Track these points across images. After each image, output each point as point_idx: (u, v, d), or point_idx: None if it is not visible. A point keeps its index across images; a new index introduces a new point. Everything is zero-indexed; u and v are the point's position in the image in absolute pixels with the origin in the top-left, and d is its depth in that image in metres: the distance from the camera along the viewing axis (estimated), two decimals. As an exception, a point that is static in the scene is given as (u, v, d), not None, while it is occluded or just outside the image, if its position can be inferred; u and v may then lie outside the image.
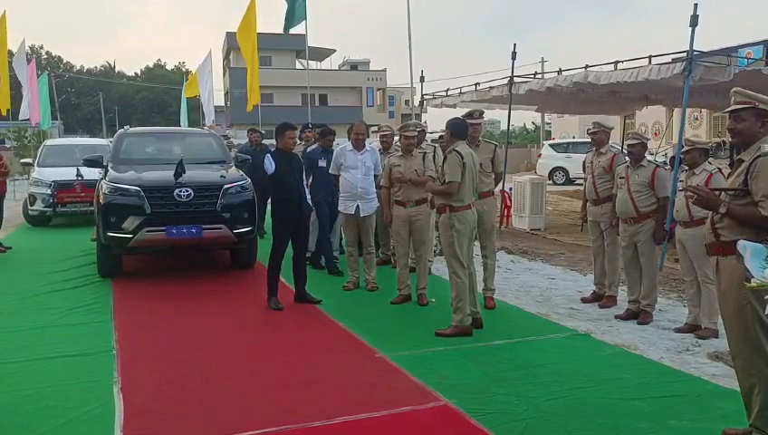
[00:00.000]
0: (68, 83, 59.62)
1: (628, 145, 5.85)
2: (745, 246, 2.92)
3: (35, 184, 11.92)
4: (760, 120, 3.20)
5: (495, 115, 16.84)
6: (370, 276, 6.93)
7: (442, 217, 5.45)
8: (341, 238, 8.82)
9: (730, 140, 3.50)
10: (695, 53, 7.43)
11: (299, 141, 8.07)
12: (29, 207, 12.08)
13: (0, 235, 9.91)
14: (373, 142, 8.91)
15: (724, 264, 3.25)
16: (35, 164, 13.15)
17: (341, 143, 7.63)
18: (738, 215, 3.12)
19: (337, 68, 54.39)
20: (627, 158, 6.01)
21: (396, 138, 7.74)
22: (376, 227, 7.24)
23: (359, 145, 6.96)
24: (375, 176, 7.04)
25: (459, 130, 5.53)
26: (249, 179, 8.00)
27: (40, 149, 14.69)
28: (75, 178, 11.69)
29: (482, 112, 6.46)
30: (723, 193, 3.28)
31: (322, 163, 7.55)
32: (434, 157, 6.49)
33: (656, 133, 24.08)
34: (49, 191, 11.84)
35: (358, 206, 6.83)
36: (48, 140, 16.86)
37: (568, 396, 4.03)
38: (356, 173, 6.87)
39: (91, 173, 11.45)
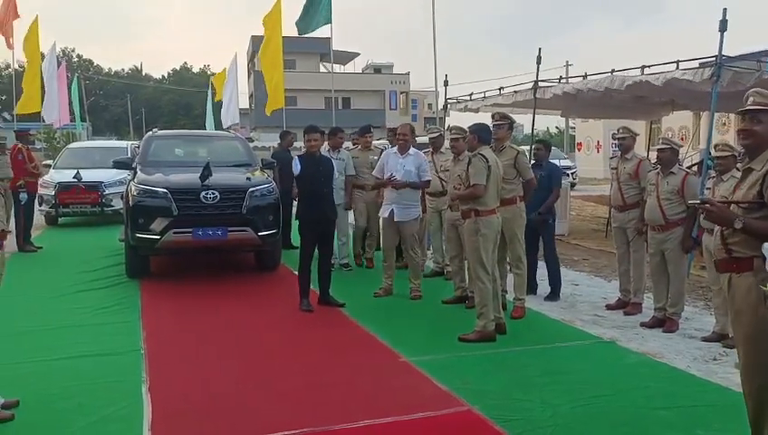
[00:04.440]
0: (97, 86, 60.59)
1: (658, 150, 5.79)
2: None
3: (43, 186, 12.17)
4: None
5: (518, 120, 16.72)
6: (415, 284, 6.83)
7: (467, 222, 5.45)
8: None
9: (741, 142, 3.21)
10: (723, 57, 7.33)
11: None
12: (38, 208, 12.25)
13: (31, 234, 10.09)
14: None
15: (738, 281, 3.01)
16: (52, 166, 13.68)
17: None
18: (756, 229, 2.89)
19: (360, 71, 54.55)
20: (654, 164, 5.96)
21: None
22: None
23: (402, 148, 6.84)
24: (428, 181, 6.93)
25: (485, 134, 5.55)
26: (274, 183, 8.10)
27: (61, 152, 15.46)
28: (73, 180, 12.31)
29: (503, 115, 6.38)
30: (734, 206, 3.02)
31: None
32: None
33: (682, 138, 23.75)
34: (53, 193, 12.34)
35: (392, 210, 6.76)
36: (71, 144, 17.41)
37: (593, 404, 4.01)
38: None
39: (91, 175, 12.48)
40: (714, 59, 7.43)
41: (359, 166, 8.19)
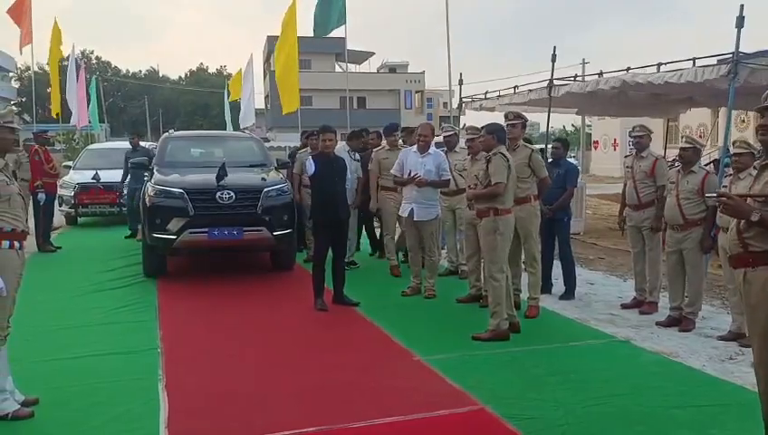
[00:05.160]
0: (115, 87, 61.13)
1: (680, 149, 5.75)
2: None
3: (63, 186, 12.48)
4: None
5: (535, 118, 16.71)
6: (429, 283, 6.86)
7: (485, 220, 5.43)
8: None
9: (760, 138, 3.24)
10: (740, 54, 7.25)
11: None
12: (58, 209, 12.50)
13: (50, 235, 10.23)
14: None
15: (753, 276, 3.00)
16: (72, 167, 14.00)
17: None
18: None
19: (375, 71, 54.56)
20: (674, 162, 5.91)
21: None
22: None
23: (422, 147, 6.81)
24: (448, 180, 6.89)
25: (502, 134, 5.56)
26: (289, 182, 8.15)
27: (80, 153, 15.76)
28: (92, 181, 12.57)
29: (518, 114, 6.34)
30: (751, 200, 3.04)
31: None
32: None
33: (700, 135, 23.53)
34: (72, 193, 12.68)
35: (412, 209, 6.75)
36: (91, 145, 17.69)
37: (606, 403, 4.00)
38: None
39: (109, 176, 12.65)
40: (731, 56, 7.35)
41: (389, 167, 7.68)
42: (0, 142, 3.80)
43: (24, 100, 50.83)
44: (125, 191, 11.31)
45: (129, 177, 10.86)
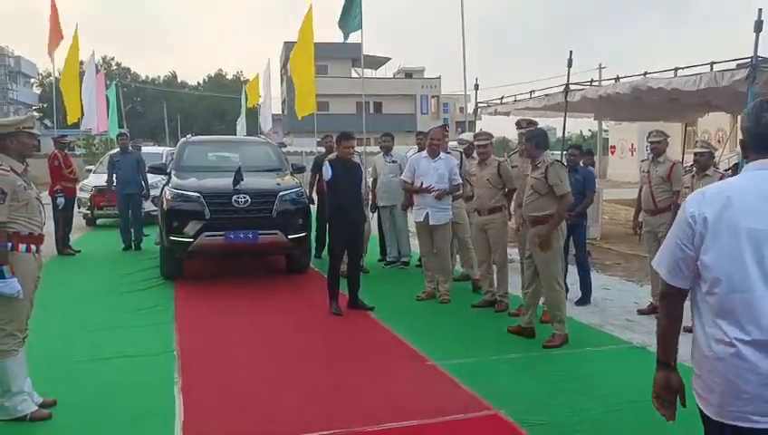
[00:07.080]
0: (134, 93, 61.79)
1: (697, 153, 5.72)
2: None
3: (82, 190, 12.77)
4: None
5: (551, 123, 16.68)
6: (444, 288, 6.85)
7: (539, 228, 5.32)
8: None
9: None
10: (758, 58, 7.19)
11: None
12: (77, 210, 12.53)
13: (69, 238, 10.34)
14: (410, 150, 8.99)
15: None
16: (93, 171, 14.56)
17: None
18: None
19: (392, 76, 54.67)
20: (690, 167, 5.89)
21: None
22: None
23: (433, 152, 6.81)
24: (458, 185, 6.88)
25: (544, 140, 5.50)
26: (303, 187, 8.21)
27: (101, 158, 16.27)
28: (106, 184, 12.32)
29: (530, 121, 6.30)
30: None
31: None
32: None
33: (719, 140, 23.27)
34: (89, 196, 13.21)
35: (427, 213, 6.75)
36: (111, 151, 17.99)
37: (622, 409, 3.97)
38: (427, 181, 6.71)
39: None
40: (749, 60, 7.29)
41: None
42: (20, 147, 3.85)
43: (45, 105, 51.57)
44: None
45: (115, 181, 10.54)
